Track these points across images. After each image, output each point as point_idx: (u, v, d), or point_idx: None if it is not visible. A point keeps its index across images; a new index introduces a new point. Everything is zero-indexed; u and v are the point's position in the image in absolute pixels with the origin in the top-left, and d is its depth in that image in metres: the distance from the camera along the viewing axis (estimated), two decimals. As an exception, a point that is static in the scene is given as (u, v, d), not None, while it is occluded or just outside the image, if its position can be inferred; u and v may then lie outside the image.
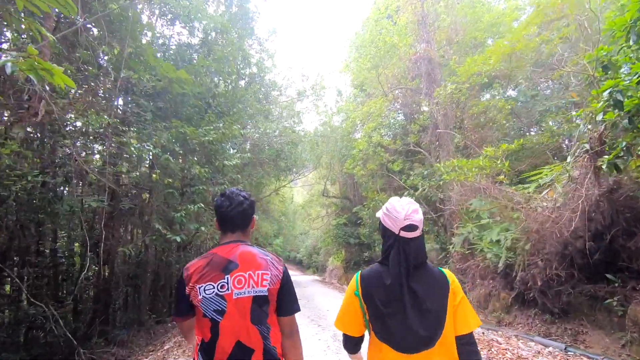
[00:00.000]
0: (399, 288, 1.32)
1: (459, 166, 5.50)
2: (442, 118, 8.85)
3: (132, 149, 3.91)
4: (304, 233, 35.76)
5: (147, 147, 4.23)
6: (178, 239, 5.53)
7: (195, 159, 6.70)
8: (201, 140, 6.41)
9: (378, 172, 13.58)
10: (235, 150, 8.34)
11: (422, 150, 10.30)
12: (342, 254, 21.89)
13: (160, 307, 11.63)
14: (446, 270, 1.46)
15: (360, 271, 1.49)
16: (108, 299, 9.60)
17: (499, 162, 5.19)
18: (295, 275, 30.99)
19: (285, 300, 1.53)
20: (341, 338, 1.55)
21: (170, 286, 12.51)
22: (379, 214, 1.49)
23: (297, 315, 1.58)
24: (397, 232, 1.36)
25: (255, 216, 1.68)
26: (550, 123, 8.69)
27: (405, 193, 9.90)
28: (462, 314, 1.37)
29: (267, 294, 1.46)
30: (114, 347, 7.57)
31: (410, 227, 1.35)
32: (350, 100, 18.41)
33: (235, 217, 1.55)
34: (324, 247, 25.34)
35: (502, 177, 5.13)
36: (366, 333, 1.48)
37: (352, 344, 1.52)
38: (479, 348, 1.41)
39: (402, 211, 1.37)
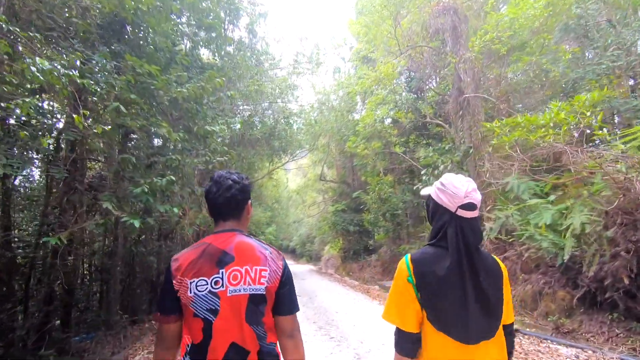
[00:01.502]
0: (459, 273, 1.17)
1: (524, 122, 4.04)
2: (471, 80, 7.35)
3: (33, 69, 2.31)
4: (298, 221, 34.49)
5: (67, 72, 2.61)
6: (136, 223, 3.98)
7: (169, 124, 5.12)
8: (173, 94, 4.80)
9: (383, 151, 12.11)
10: (219, 116, 6.73)
11: (440, 123, 8.82)
12: (339, 242, 20.54)
13: (136, 305, 10.12)
14: (495, 257, 1.32)
15: (409, 254, 1.28)
16: (68, 297, 8.06)
17: (588, 113, 3.74)
18: (289, 265, 29.65)
19: (285, 299, 1.35)
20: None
21: (149, 280, 10.98)
22: (427, 191, 1.37)
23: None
24: (453, 210, 1.22)
25: (250, 201, 1.45)
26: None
27: (423, 172, 8.44)
28: (510, 303, 1.29)
29: (264, 292, 1.29)
30: (69, 358, 6.07)
31: (470, 206, 1.22)
32: (350, 75, 16.76)
33: (224, 204, 1.35)
34: (320, 235, 23.89)
35: (601, 132, 3.69)
36: None
37: (410, 342, 1.21)
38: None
39: (461, 187, 1.23)
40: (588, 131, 3.94)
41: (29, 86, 4.25)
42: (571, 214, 4.64)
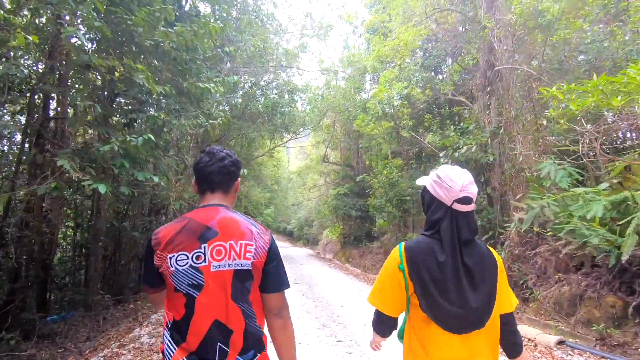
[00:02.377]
0: (453, 265, 1.19)
1: (602, 85, 3.15)
2: (507, 50, 6.39)
3: None
4: (297, 204, 33.85)
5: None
6: (102, 189, 3.16)
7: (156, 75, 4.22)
8: (157, 37, 3.89)
9: (394, 132, 11.21)
10: (217, 77, 5.81)
11: (464, 100, 7.89)
12: (339, 227, 19.83)
13: (123, 283, 9.43)
14: (490, 247, 1.32)
15: (403, 242, 1.31)
16: (44, 273, 7.31)
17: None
18: (286, 247, 29.20)
19: (273, 275, 1.29)
20: None
21: (137, 258, 10.26)
22: (422, 182, 1.37)
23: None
24: (449, 204, 1.23)
25: (239, 179, 1.41)
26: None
27: (441, 154, 7.57)
28: (507, 292, 1.28)
29: (250, 267, 1.23)
30: (33, 343, 5.33)
31: (466, 200, 1.22)
32: (361, 51, 15.65)
33: (215, 172, 1.31)
34: (319, 219, 23.11)
35: None
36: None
37: (387, 324, 1.35)
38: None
39: (458, 181, 1.23)
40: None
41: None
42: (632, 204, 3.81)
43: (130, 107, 4.41)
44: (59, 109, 6.49)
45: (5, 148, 7.60)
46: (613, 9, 8.89)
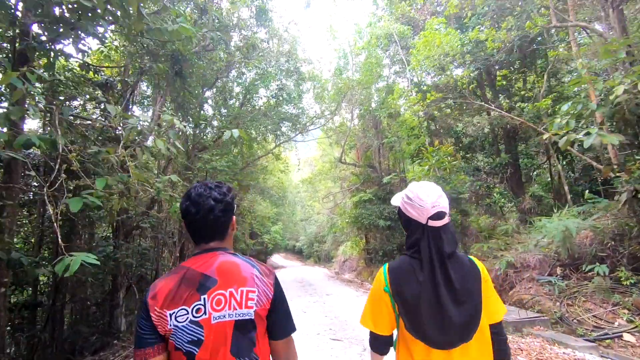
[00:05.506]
0: (432, 283, 1.20)
1: None
2: None
3: None
4: (306, 219, 30.93)
5: None
6: None
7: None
8: None
9: (445, 107, 8.29)
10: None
11: (582, 24, 4.97)
12: (361, 241, 16.67)
13: (71, 342, 6.36)
14: (472, 257, 1.31)
15: (387, 264, 1.31)
16: None
17: None
18: (297, 267, 26.03)
19: (279, 321, 1.21)
20: None
21: (92, 303, 7.18)
22: (396, 202, 1.38)
23: None
24: (424, 222, 1.24)
25: (234, 217, 1.26)
26: None
27: (565, 108, 4.56)
28: (495, 301, 1.28)
29: (253, 317, 1.13)
30: None
31: (439, 215, 1.23)
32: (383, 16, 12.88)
33: (206, 227, 1.20)
34: (334, 232, 19.84)
35: None
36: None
37: (382, 343, 1.34)
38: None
39: (427, 199, 1.24)
40: None
41: None
42: None
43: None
44: None
45: None
46: None
